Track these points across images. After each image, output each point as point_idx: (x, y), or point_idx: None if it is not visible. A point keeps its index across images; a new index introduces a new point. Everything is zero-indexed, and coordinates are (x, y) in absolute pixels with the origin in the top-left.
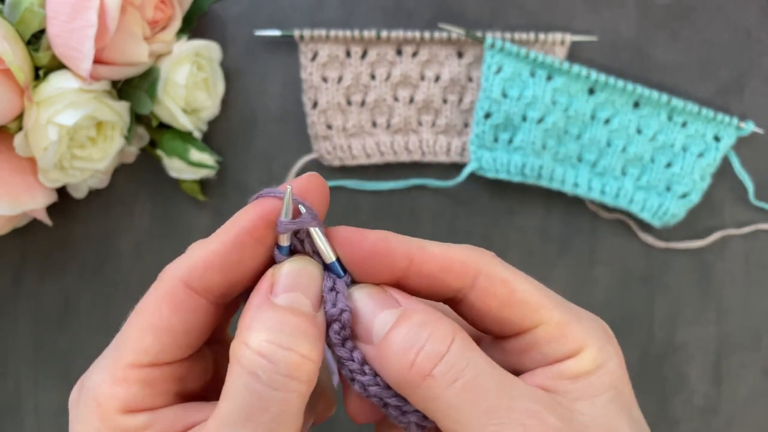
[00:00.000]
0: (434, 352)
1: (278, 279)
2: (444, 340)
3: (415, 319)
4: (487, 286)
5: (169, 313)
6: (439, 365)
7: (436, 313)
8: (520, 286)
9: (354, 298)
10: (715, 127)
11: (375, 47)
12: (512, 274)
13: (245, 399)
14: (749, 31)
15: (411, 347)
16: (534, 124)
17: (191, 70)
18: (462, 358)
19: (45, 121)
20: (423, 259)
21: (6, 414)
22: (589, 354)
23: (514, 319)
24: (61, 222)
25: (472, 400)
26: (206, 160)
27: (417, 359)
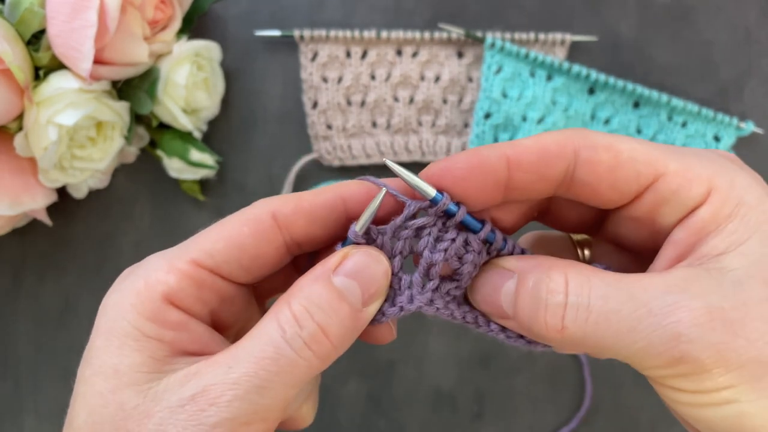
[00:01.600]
0: (557, 305)
1: (345, 263)
2: (558, 288)
3: (529, 283)
4: (591, 156)
5: (248, 233)
6: (566, 315)
7: (544, 262)
8: (624, 146)
9: (474, 288)
10: (715, 127)
11: (375, 47)
12: (613, 137)
13: (264, 344)
14: (749, 31)
15: (537, 309)
16: (534, 124)
17: (191, 70)
18: (583, 295)
19: (45, 121)
20: (517, 154)
21: (6, 414)
22: (720, 194)
23: (630, 179)
24: (61, 222)
25: (611, 328)
26: (206, 160)
27: (547, 319)
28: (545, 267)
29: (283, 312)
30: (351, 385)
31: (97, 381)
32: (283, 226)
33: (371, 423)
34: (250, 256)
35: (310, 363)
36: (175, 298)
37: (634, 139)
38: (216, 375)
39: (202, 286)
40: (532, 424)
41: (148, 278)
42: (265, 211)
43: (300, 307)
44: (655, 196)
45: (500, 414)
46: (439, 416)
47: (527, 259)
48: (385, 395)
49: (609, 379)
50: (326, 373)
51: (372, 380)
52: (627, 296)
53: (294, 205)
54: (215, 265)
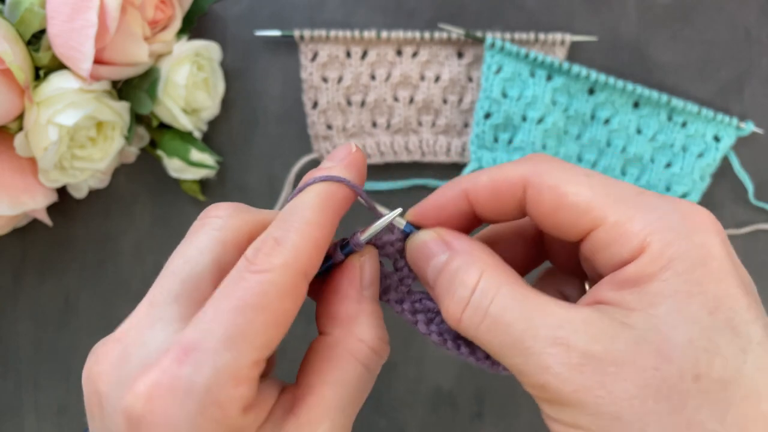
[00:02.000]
0: (461, 298)
1: (364, 274)
2: (469, 283)
3: (454, 264)
4: (535, 195)
5: (292, 306)
6: (465, 310)
7: (475, 253)
8: (570, 189)
9: (412, 246)
10: (714, 127)
11: (375, 47)
12: (565, 176)
13: (355, 386)
14: (749, 31)
15: (447, 292)
16: (534, 124)
17: (191, 70)
18: (486, 298)
19: (45, 121)
20: (475, 192)
21: (6, 414)
22: (649, 254)
23: (569, 223)
24: (61, 222)
25: (497, 338)
26: (206, 160)
27: (450, 306)
28: (471, 257)
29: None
30: None
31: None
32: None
33: (371, 423)
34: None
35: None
36: (251, 401)
37: (587, 181)
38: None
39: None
40: (532, 424)
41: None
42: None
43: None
44: (592, 243)
45: (500, 414)
46: (439, 416)
47: (466, 242)
48: (385, 395)
49: None
50: None
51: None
52: (524, 315)
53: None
54: (270, 354)
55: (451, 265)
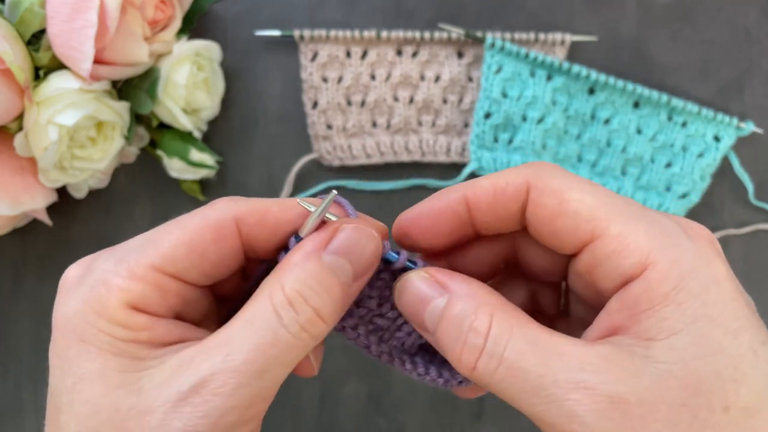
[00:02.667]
0: (474, 347)
1: (335, 240)
2: (481, 330)
3: (456, 309)
4: (537, 198)
5: (210, 241)
6: (480, 359)
7: (478, 295)
8: (573, 196)
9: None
10: (715, 127)
11: (375, 47)
12: (568, 183)
13: (262, 330)
14: (749, 31)
15: (456, 341)
16: (534, 124)
17: (191, 70)
18: (499, 345)
19: (45, 121)
20: (476, 195)
21: (6, 414)
22: (657, 270)
23: (568, 231)
24: (61, 222)
25: (515, 385)
26: (206, 160)
27: (462, 356)
28: (475, 301)
29: (277, 295)
30: (351, 385)
31: (83, 388)
32: (245, 235)
33: (371, 423)
34: (211, 263)
35: (306, 344)
36: (138, 303)
37: (590, 189)
38: (214, 363)
39: (167, 293)
40: (532, 424)
41: (108, 285)
42: (229, 218)
43: (294, 292)
44: (592, 256)
45: (500, 414)
46: (439, 416)
47: (463, 283)
48: (385, 395)
49: None
50: (326, 373)
51: (372, 380)
52: (540, 359)
53: (260, 217)
54: (177, 272)
55: (454, 309)
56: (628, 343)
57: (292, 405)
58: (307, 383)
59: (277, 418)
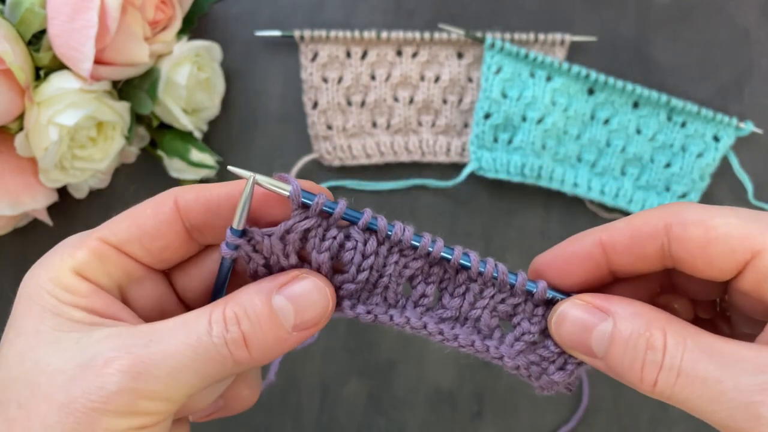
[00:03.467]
0: (654, 363)
1: (292, 284)
2: (658, 346)
3: (626, 331)
4: (681, 233)
5: (150, 215)
6: (660, 374)
7: (644, 313)
8: (718, 221)
9: (563, 321)
10: (714, 127)
11: (375, 48)
12: (707, 212)
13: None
14: (749, 31)
15: (633, 362)
16: (534, 125)
17: (192, 71)
18: (676, 356)
19: (46, 122)
20: (611, 238)
21: None
22: None
23: (724, 256)
24: (61, 222)
25: (697, 393)
26: (207, 160)
27: (644, 375)
28: (644, 319)
29: (216, 311)
30: (351, 385)
31: (19, 341)
32: (183, 211)
33: (371, 423)
34: (150, 236)
35: (225, 363)
36: (83, 271)
37: (731, 213)
38: (132, 345)
39: (107, 261)
40: (532, 423)
41: (61, 253)
42: (168, 197)
43: (231, 313)
44: (756, 273)
45: (500, 413)
46: (439, 416)
47: (623, 304)
48: (385, 395)
49: (609, 379)
50: (326, 373)
51: (372, 380)
52: (717, 366)
53: (196, 194)
54: (118, 243)
55: (624, 331)
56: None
57: (292, 405)
58: (308, 383)
59: (278, 418)
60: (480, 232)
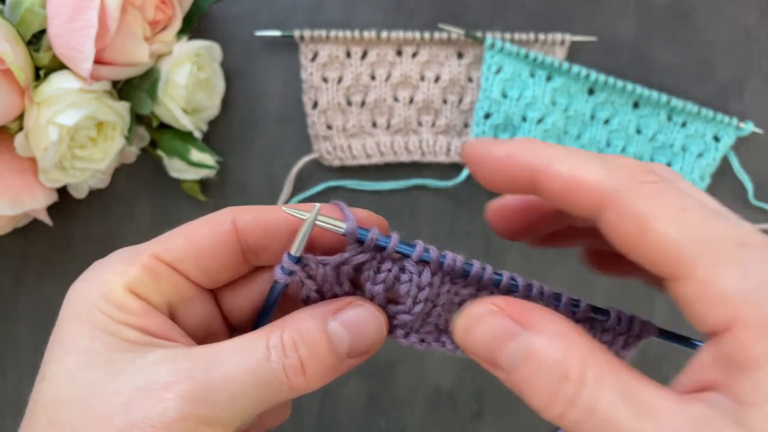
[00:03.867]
0: (566, 397)
1: (347, 311)
2: (573, 378)
3: (543, 353)
4: (615, 220)
5: (207, 234)
6: (570, 411)
7: (567, 336)
8: (657, 226)
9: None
10: (714, 127)
11: (375, 48)
12: (657, 207)
13: (249, 357)
14: (749, 31)
15: (543, 388)
16: (534, 125)
17: (192, 71)
18: (591, 397)
19: (46, 121)
20: (548, 176)
21: (6, 414)
22: (748, 329)
23: (651, 263)
24: (61, 222)
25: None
26: (207, 161)
27: (551, 404)
28: (564, 344)
29: (274, 335)
30: (351, 385)
31: (68, 360)
32: (241, 232)
33: (371, 423)
34: (207, 256)
35: (281, 389)
36: (136, 288)
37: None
38: (192, 369)
39: (160, 279)
40: (532, 423)
41: (113, 269)
42: (226, 217)
43: (290, 338)
44: (675, 293)
45: (500, 413)
46: (439, 416)
47: (545, 320)
48: (385, 395)
49: None
50: None
51: (372, 380)
52: (633, 414)
53: (255, 215)
54: (173, 260)
55: (541, 352)
56: (724, 404)
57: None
58: None
59: None
60: (480, 232)
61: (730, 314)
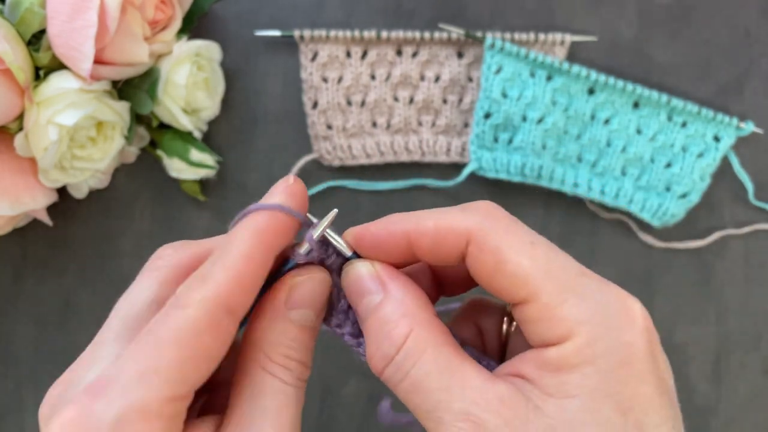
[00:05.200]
0: (385, 355)
1: (293, 294)
2: (396, 342)
3: (384, 312)
4: (476, 254)
5: (211, 342)
6: (388, 367)
7: (407, 304)
8: (512, 257)
9: (348, 274)
10: (714, 127)
11: (375, 47)
12: (508, 242)
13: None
14: (749, 31)
15: (373, 342)
16: (534, 124)
17: (191, 70)
18: (409, 361)
19: (45, 121)
20: (418, 234)
21: (6, 414)
22: (574, 344)
23: (505, 291)
24: (61, 222)
25: (415, 400)
26: (206, 160)
27: (374, 357)
28: (402, 309)
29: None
30: (351, 385)
31: None
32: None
33: (371, 423)
34: (217, 358)
35: (303, 390)
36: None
37: (530, 252)
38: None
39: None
40: None
41: None
42: (218, 311)
43: (279, 356)
44: (522, 315)
45: None
46: None
47: (399, 287)
48: (385, 395)
49: None
50: (326, 373)
51: (372, 380)
52: (443, 384)
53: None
54: (191, 389)
55: (382, 311)
56: (528, 389)
57: None
58: (308, 383)
59: None
60: None
61: (564, 333)
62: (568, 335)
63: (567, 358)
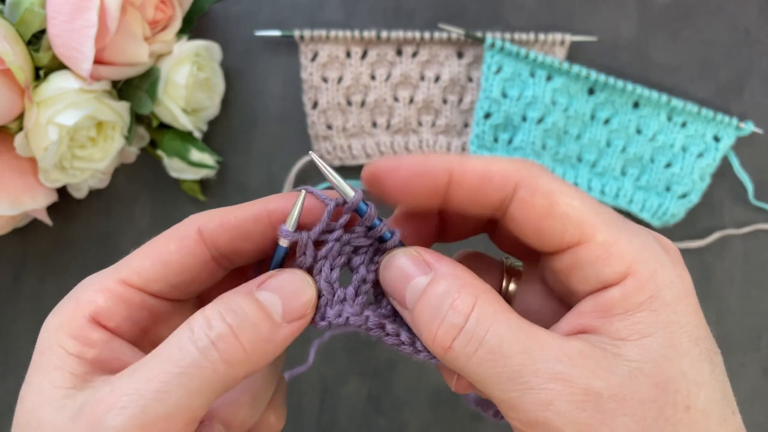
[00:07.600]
0: (453, 325)
1: (270, 280)
2: (463, 310)
3: (440, 288)
4: (527, 198)
5: (174, 249)
6: (457, 338)
7: (463, 277)
8: (563, 199)
9: (389, 265)
10: (714, 127)
11: (375, 48)
12: (559, 186)
13: (171, 347)
14: (749, 31)
15: (434, 319)
16: (534, 124)
17: (191, 71)
18: (481, 327)
19: (45, 121)
20: (463, 172)
21: (6, 414)
22: (637, 280)
23: (555, 232)
24: (61, 222)
25: (493, 369)
26: (206, 160)
27: (438, 332)
28: (461, 280)
29: (196, 316)
30: (351, 385)
31: (27, 399)
32: (209, 240)
33: (371, 423)
34: (176, 272)
35: (216, 366)
36: (102, 317)
37: (579, 195)
38: (118, 382)
39: (131, 305)
40: None
41: (78, 298)
42: (191, 227)
43: (214, 311)
44: (574, 259)
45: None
46: (439, 416)
47: (448, 264)
48: (385, 395)
49: None
50: (326, 373)
51: (372, 380)
52: (521, 347)
53: (219, 220)
54: (143, 283)
55: (436, 288)
56: (599, 340)
57: (292, 405)
58: (308, 383)
59: None
60: None
61: (624, 269)
62: (627, 272)
63: (632, 297)
